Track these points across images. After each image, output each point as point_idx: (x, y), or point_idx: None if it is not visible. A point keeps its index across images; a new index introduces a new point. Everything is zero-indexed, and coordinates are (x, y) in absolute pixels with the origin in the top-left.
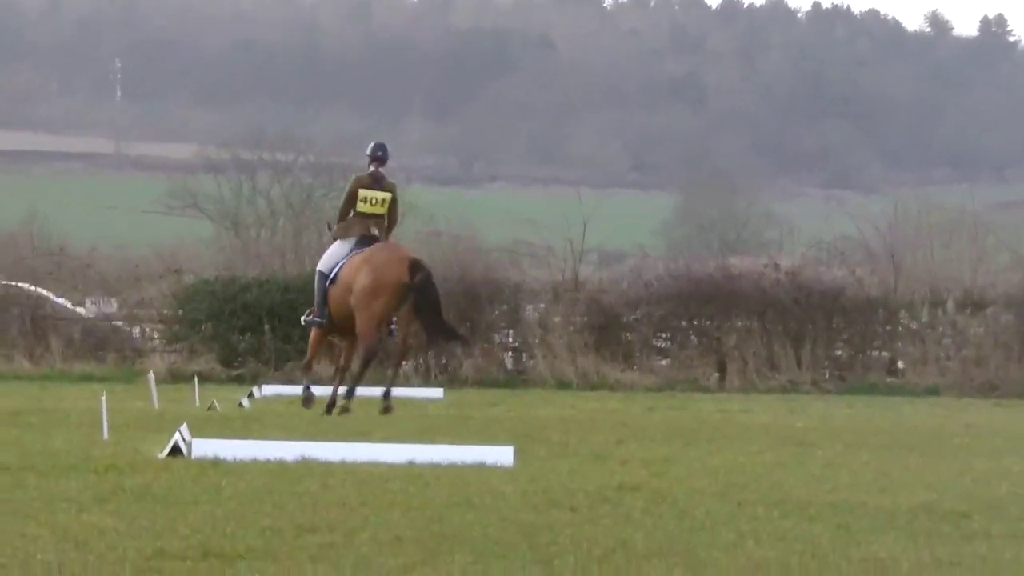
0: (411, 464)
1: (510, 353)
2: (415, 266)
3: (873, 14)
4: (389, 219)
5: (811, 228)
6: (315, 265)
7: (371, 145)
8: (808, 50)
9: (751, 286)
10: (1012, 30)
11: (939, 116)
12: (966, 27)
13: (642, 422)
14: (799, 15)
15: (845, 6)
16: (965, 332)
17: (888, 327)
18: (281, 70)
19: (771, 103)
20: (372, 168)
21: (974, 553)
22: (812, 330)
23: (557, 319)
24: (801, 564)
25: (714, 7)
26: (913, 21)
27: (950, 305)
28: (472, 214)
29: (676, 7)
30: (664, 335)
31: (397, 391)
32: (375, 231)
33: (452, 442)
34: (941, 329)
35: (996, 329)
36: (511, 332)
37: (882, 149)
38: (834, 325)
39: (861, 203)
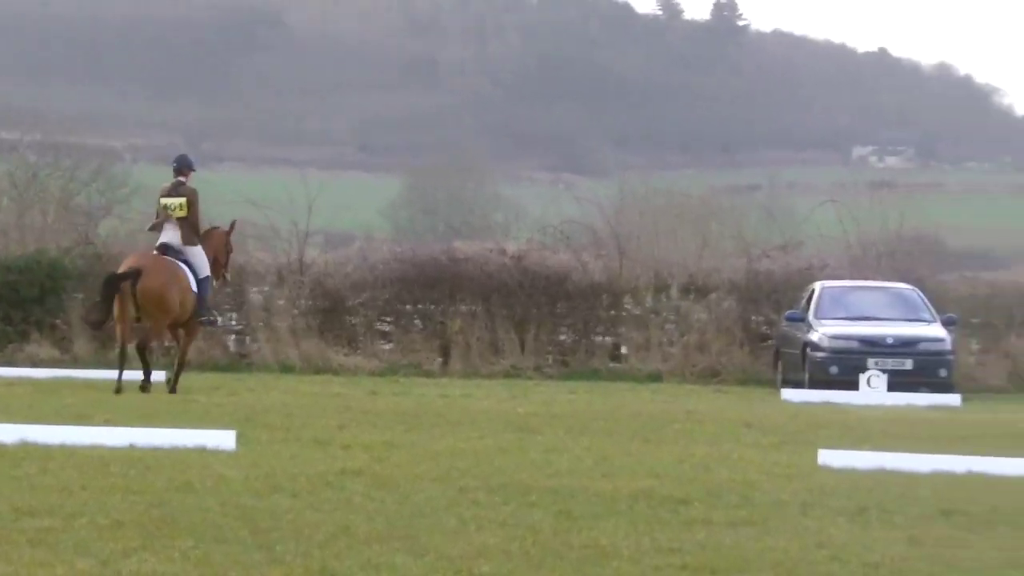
0: (132, 448)
1: (233, 336)
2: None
3: None
4: (190, 219)
5: (538, 212)
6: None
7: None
8: (540, 32)
9: (476, 270)
10: (742, 14)
11: (670, 99)
12: (698, 10)
13: (365, 407)
14: None
15: None
16: (688, 318)
17: (612, 312)
18: (8, 44)
19: (503, 85)
20: (175, 178)
21: (694, 539)
22: (536, 315)
23: (281, 302)
24: (522, 550)
25: None
26: (645, 4)
27: (674, 291)
28: (200, 195)
29: None
30: (388, 319)
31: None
32: (170, 234)
33: (173, 426)
34: (664, 315)
35: (718, 315)
36: (234, 315)
37: (613, 132)
38: (558, 310)
39: (590, 187)
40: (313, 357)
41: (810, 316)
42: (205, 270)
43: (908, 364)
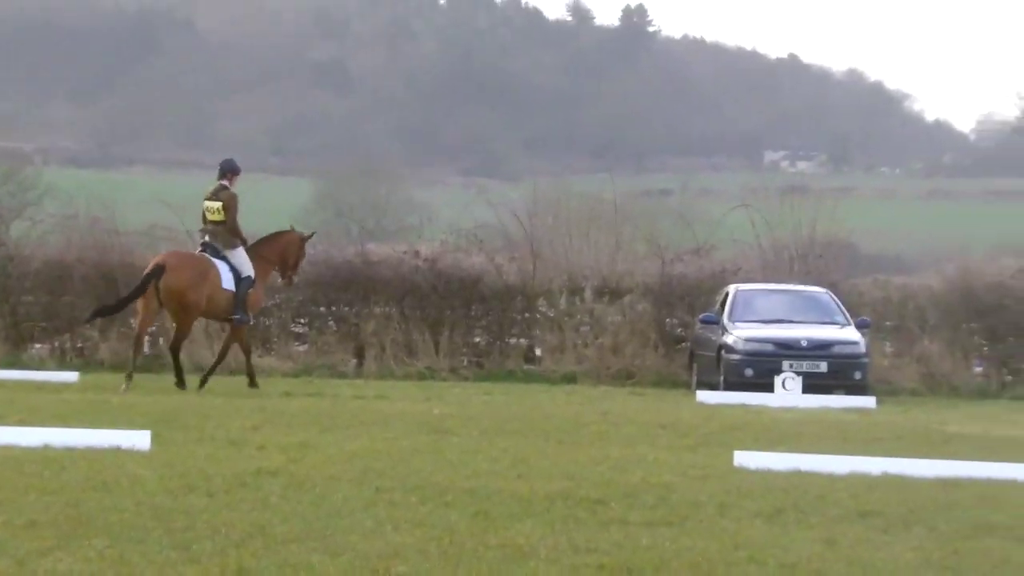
0: (46, 447)
1: (148, 336)
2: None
3: (514, 3)
4: (227, 223)
5: (452, 215)
6: None
7: None
8: (451, 37)
9: (390, 272)
10: (652, 20)
11: (581, 105)
12: (608, 17)
13: (280, 408)
14: (441, 2)
15: None
16: (602, 320)
17: (526, 314)
18: None
19: (416, 89)
20: (218, 181)
21: (611, 539)
22: (450, 317)
23: None
24: (439, 550)
25: None
26: (555, 9)
27: (588, 293)
28: (111, 197)
29: None
30: (303, 321)
31: (30, 375)
32: (211, 235)
33: (88, 426)
34: (579, 317)
35: (632, 317)
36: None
37: (525, 137)
38: (472, 312)
39: (503, 190)
40: (227, 359)
41: (724, 319)
42: (246, 270)
43: (823, 367)
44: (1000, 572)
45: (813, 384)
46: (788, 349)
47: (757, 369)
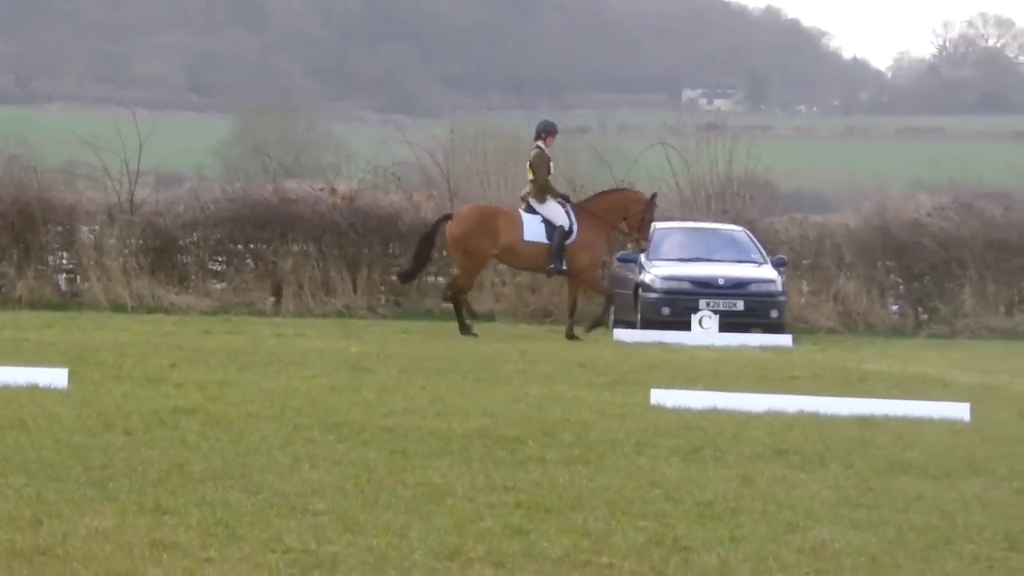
0: None
1: (64, 275)
2: None
3: None
4: (537, 180)
5: (369, 153)
6: None
7: None
8: None
9: (308, 210)
10: None
11: (499, 40)
12: None
13: (197, 346)
14: None
15: None
16: None
17: (444, 253)
18: None
19: (331, 26)
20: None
21: (528, 478)
22: (368, 255)
23: (112, 241)
24: (357, 488)
25: None
26: None
27: None
28: (28, 133)
29: None
30: (220, 258)
31: None
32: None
33: (5, 364)
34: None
35: None
36: (65, 254)
37: (443, 73)
38: (391, 251)
39: (420, 127)
40: (145, 296)
41: (641, 257)
42: (559, 220)
43: (739, 305)
44: (914, 508)
45: (730, 322)
46: (705, 287)
47: (674, 307)
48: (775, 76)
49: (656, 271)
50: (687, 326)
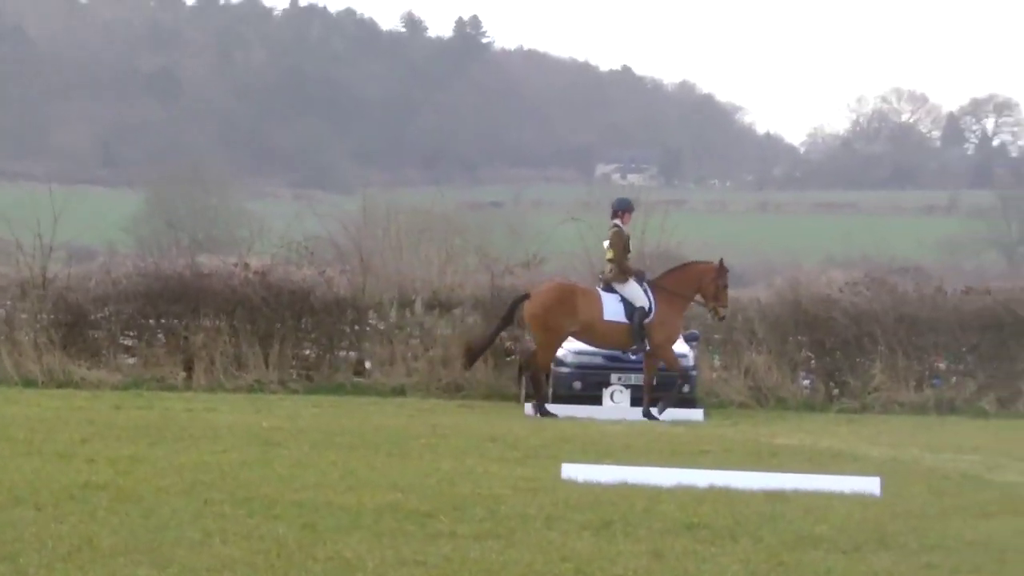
0: None
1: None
2: None
3: (349, 13)
4: (616, 258)
5: (282, 227)
6: None
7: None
8: (284, 47)
9: (220, 284)
10: (485, 31)
11: (413, 116)
12: (441, 27)
13: (109, 420)
14: (275, 13)
15: (321, 5)
16: (432, 333)
17: (356, 327)
18: None
19: (246, 100)
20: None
21: (439, 552)
22: (281, 329)
23: (24, 316)
24: (267, 562)
25: (190, 2)
26: (388, 20)
27: (418, 306)
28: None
29: (152, 2)
30: (132, 333)
31: None
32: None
33: None
34: (409, 330)
35: (463, 330)
36: None
37: (356, 148)
38: (303, 325)
39: (333, 202)
40: (55, 371)
41: None
42: (639, 302)
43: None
44: None
45: (642, 397)
46: (617, 362)
47: (586, 382)
48: (689, 151)
49: (568, 346)
50: (599, 400)
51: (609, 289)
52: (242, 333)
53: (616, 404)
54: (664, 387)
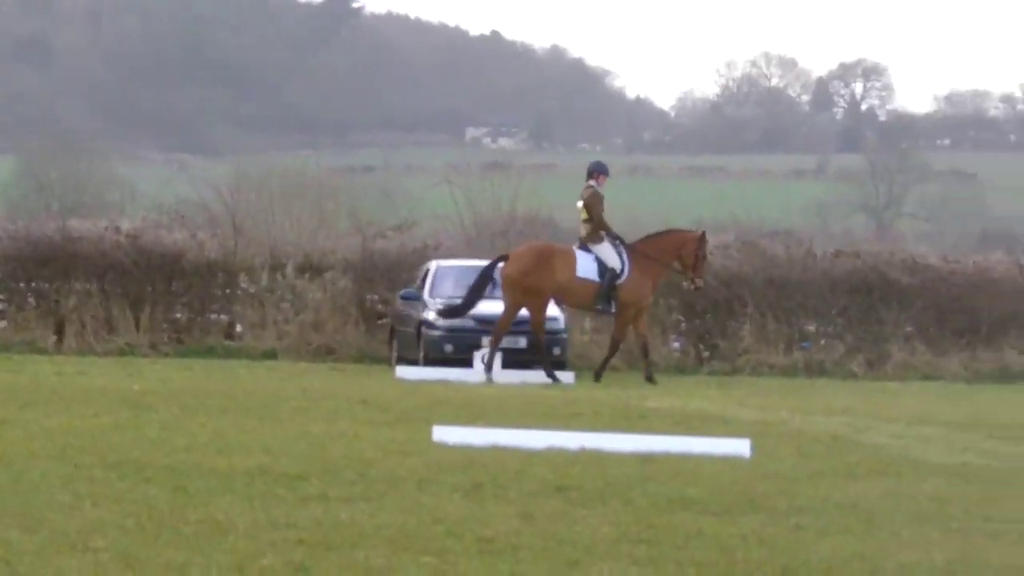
0: None
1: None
2: None
3: None
4: (593, 219)
5: (154, 191)
6: None
7: None
8: (155, 13)
9: (91, 248)
10: None
11: (285, 81)
12: None
13: None
14: None
15: None
16: (303, 296)
17: (227, 291)
18: None
19: (119, 66)
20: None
21: (310, 515)
22: (151, 293)
23: None
24: (138, 525)
25: None
26: None
27: (289, 269)
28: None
29: None
30: (1, 296)
31: None
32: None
33: None
34: (280, 293)
35: (334, 293)
36: None
37: (228, 113)
38: (173, 288)
39: (205, 167)
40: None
41: (425, 295)
42: (611, 263)
43: (522, 342)
44: (694, 545)
45: (513, 359)
46: (488, 325)
47: (457, 345)
48: (559, 115)
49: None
50: (469, 363)
51: (585, 249)
52: (113, 297)
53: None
54: (538, 350)
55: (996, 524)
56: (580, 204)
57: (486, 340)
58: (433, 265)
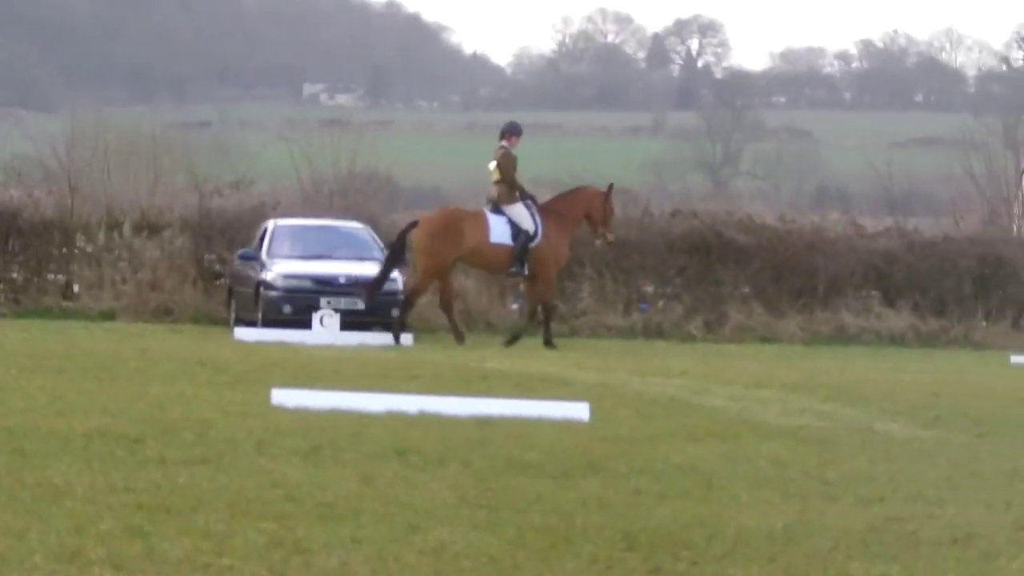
0: None
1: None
2: None
3: None
4: (505, 180)
5: None
6: None
7: None
8: None
9: None
10: None
11: (118, 33)
12: None
13: None
14: None
15: None
16: (141, 255)
17: (64, 250)
18: None
19: None
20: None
21: (148, 478)
22: None
23: None
24: None
25: None
26: None
27: (126, 228)
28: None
29: None
30: None
31: None
32: (493, 193)
33: None
34: (117, 252)
35: (171, 252)
36: None
37: (60, 66)
38: (10, 247)
39: (40, 122)
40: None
41: (263, 254)
42: (525, 224)
43: (361, 304)
44: (533, 509)
45: (351, 321)
46: (326, 285)
47: (295, 306)
48: (397, 71)
49: (277, 269)
50: (308, 324)
51: (497, 211)
52: None
53: (326, 328)
54: (376, 311)
55: (833, 487)
56: (492, 165)
57: (324, 301)
58: (271, 224)
